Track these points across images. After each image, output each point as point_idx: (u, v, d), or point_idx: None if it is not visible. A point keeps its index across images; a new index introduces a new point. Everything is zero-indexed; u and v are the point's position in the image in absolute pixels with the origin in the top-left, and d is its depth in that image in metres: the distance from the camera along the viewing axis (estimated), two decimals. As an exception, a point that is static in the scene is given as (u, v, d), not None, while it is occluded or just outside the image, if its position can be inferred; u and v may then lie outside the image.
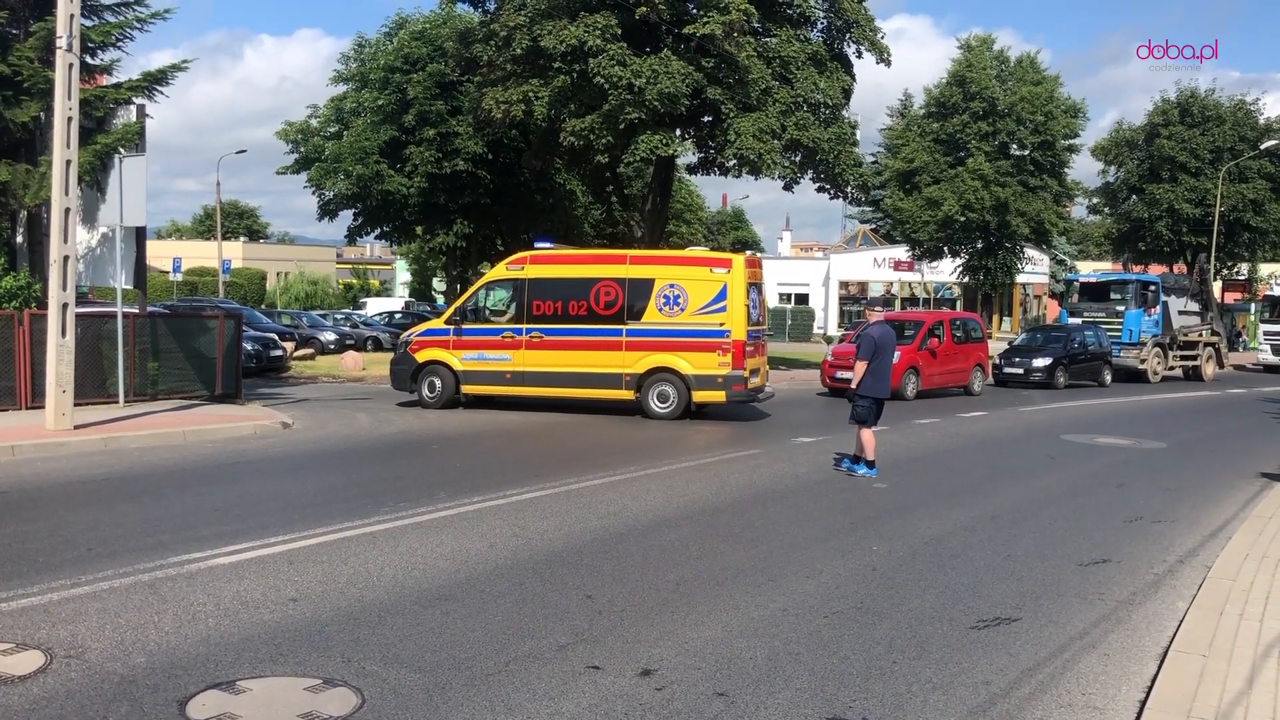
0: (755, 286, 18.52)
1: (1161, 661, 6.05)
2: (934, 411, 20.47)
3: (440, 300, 72.84)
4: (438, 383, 18.63)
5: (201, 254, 70.27)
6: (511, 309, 18.66)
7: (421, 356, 18.87)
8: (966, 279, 43.60)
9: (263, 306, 56.18)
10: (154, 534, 8.47)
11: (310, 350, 33.58)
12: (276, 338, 28.62)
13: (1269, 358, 38.18)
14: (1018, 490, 12.21)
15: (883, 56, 28.17)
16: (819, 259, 68.25)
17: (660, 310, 17.88)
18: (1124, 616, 7.11)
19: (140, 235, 17.67)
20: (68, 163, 13.38)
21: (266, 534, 8.47)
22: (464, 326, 18.64)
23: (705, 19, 23.42)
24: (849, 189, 28.57)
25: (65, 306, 13.50)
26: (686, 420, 17.62)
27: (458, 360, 18.58)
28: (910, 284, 61.07)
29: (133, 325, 16.75)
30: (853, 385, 12.82)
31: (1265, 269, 46.92)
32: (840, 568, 8.09)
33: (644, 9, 23.79)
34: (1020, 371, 28.28)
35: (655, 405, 17.93)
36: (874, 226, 69.61)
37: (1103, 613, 7.16)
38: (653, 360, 17.92)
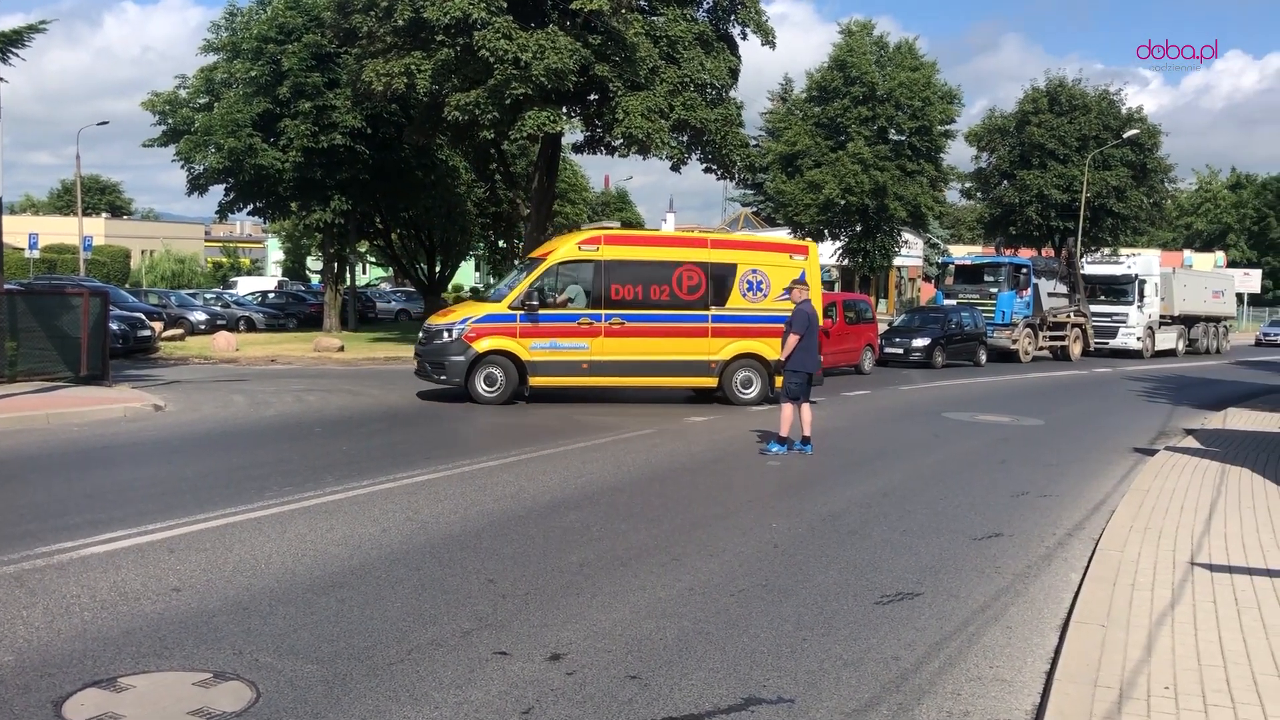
0: None
1: (1063, 633, 6.14)
2: (821, 391, 20.64)
3: (315, 280, 71.10)
4: (499, 375, 16.72)
5: (60, 230, 66.96)
6: (588, 292, 17.31)
7: (482, 346, 16.72)
8: (845, 261, 44.33)
9: (127, 286, 53.88)
10: (19, 523, 7.93)
11: (180, 331, 32.30)
12: (144, 317, 27.44)
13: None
14: (907, 467, 12.37)
15: (768, 38, 28.28)
16: (701, 241, 68.35)
17: (744, 296, 17.85)
18: (1021, 589, 7.21)
19: (-4, 206, 16.62)
20: (-85, 127, 12.45)
21: (144, 521, 8.01)
22: (538, 312, 16.84)
23: (593, -7, 23.12)
24: (736, 170, 28.65)
25: (-87, 281, 12.59)
26: (574, 403, 17.38)
27: (525, 350, 16.84)
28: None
29: (-13, 303, 15.77)
30: (782, 359, 13.26)
31: (1126, 252, 48.85)
32: (742, 546, 8.04)
33: (530, -19, 23.41)
34: (900, 351, 28.91)
35: (740, 391, 17.83)
36: (755, 209, 70.28)
37: (1000, 586, 7.25)
38: (738, 346, 17.76)
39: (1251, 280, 68.32)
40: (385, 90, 24.96)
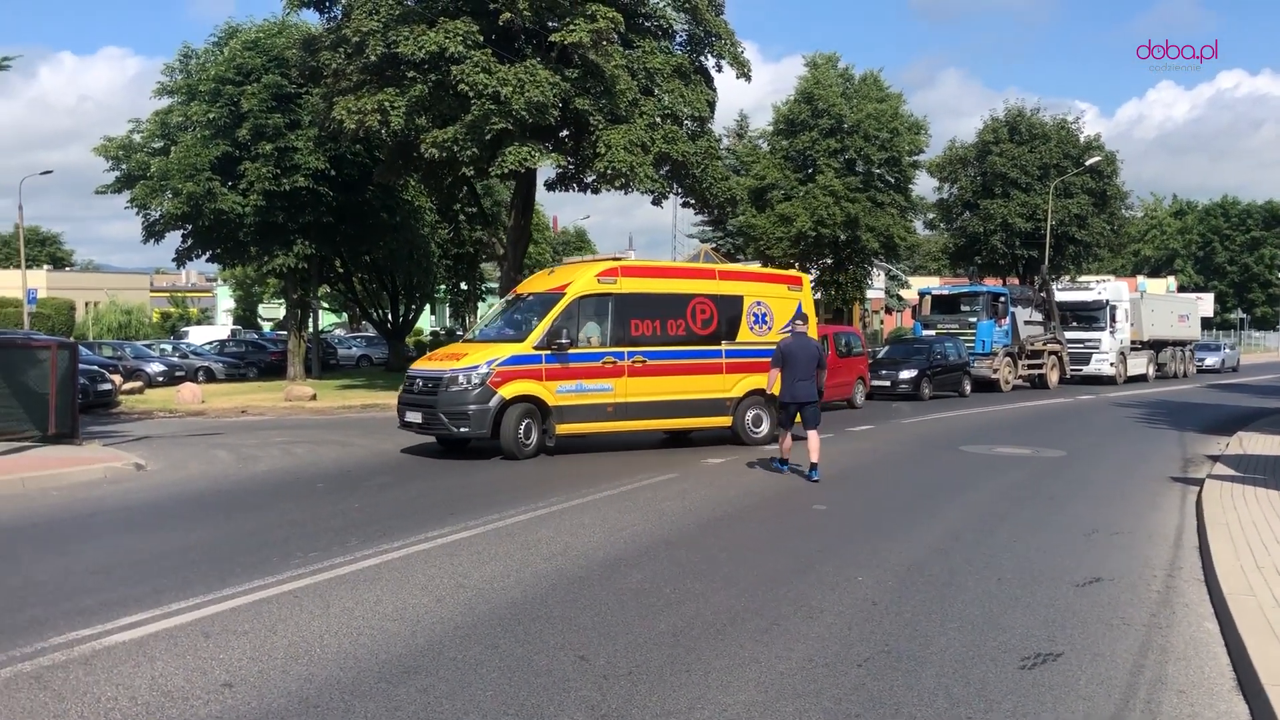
0: None
1: (1245, 695, 5.45)
2: (824, 426, 19.96)
3: (268, 328, 69.52)
4: (532, 424, 15.09)
5: (-1, 283, 65.10)
6: (606, 329, 15.90)
7: (509, 391, 14.89)
8: (818, 295, 43.95)
9: (71, 338, 52.12)
10: (24, 608, 6.94)
11: (139, 383, 30.98)
12: (104, 370, 26.17)
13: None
14: (959, 507, 11.68)
15: (743, 70, 27.83)
16: (662, 278, 67.94)
17: (752, 329, 17.16)
18: (1164, 644, 6.50)
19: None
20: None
21: (164, 600, 7.06)
22: (568, 352, 15.31)
23: (573, 27, 22.51)
24: (718, 204, 28.09)
25: (-126, 337, 11.49)
26: (578, 453, 16.43)
27: (551, 394, 15.21)
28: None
29: (-51, 359, 14.62)
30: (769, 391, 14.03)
31: (1094, 279, 49.00)
32: (838, 604, 7.26)
33: (507, 15, 22.68)
34: (887, 384, 28.39)
35: (751, 430, 16.98)
36: (714, 245, 70.09)
37: (1139, 641, 6.53)
38: (750, 382, 16.89)
39: (1205, 304, 69.28)
40: (358, 128, 24.08)
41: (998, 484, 13.45)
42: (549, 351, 15.19)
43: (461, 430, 14.90)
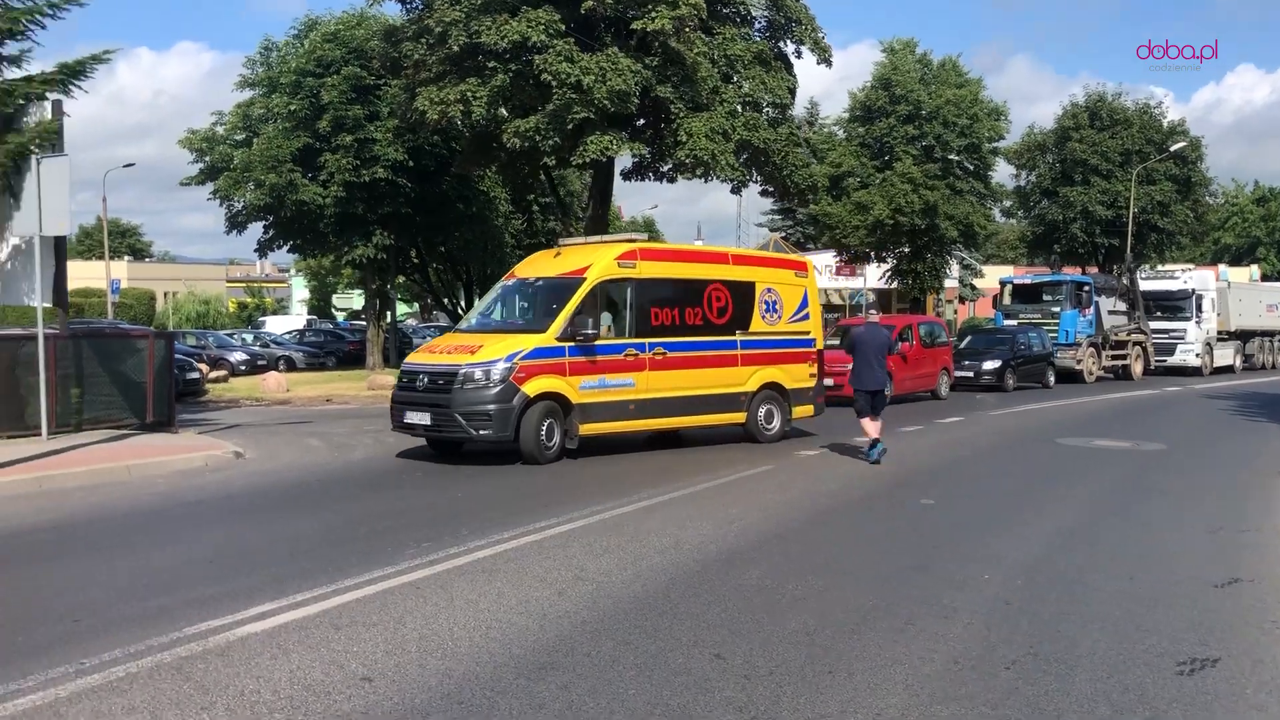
0: None
1: None
2: (912, 418, 19.68)
3: (342, 318, 70.35)
4: (555, 425, 13.53)
5: (83, 274, 66.23)
6: (625, 318, 14.45)
7: (532, 388, 13.26)
8: (895, 284, 43.32)
9: (153, 328, 53.17)
10: (149, 596, 6.97)
11: (223, 372, 31.46)
12: (191, 359, 26.60)
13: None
14: (1066, 502, 11.35)
15: (824, 56, 27.40)
16: (731, 267, 67.40)
17: (763, 318, 16.00)
18: (1325, 649, 6.19)
19: (60, 247, 15.76)
20: (-13, 161, 11.62)
21: (286, 590, 7.03)
22: (594, 344, 13.84)
23: (655, 14, 22.30)
24: (799, 191, 27.72)
25: (-13, 327, 11.71)
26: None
27: (575, 390, 13.69)
28: (826, 291, 60.84)
29: (54, 348, 14.85)
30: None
31: (1179, 268, 47.63)
32: (969, 603, 7.03)
33: (589, 3, 22.53)
34: (970, 374, 27.85)
35: (764, 427, 15.86)
36: (784, 234, 69.38)
37: (1297, 645, 6.24)
38: (763, 375, 15.85)
39: (1293, 293, 67.08)
40: (440, 118, 24.11)
41: (1102, 478, 13.10)
42: (572, 343, 13.71)
43: (481, 433, 13.20)
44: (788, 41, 27.94)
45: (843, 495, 11.45)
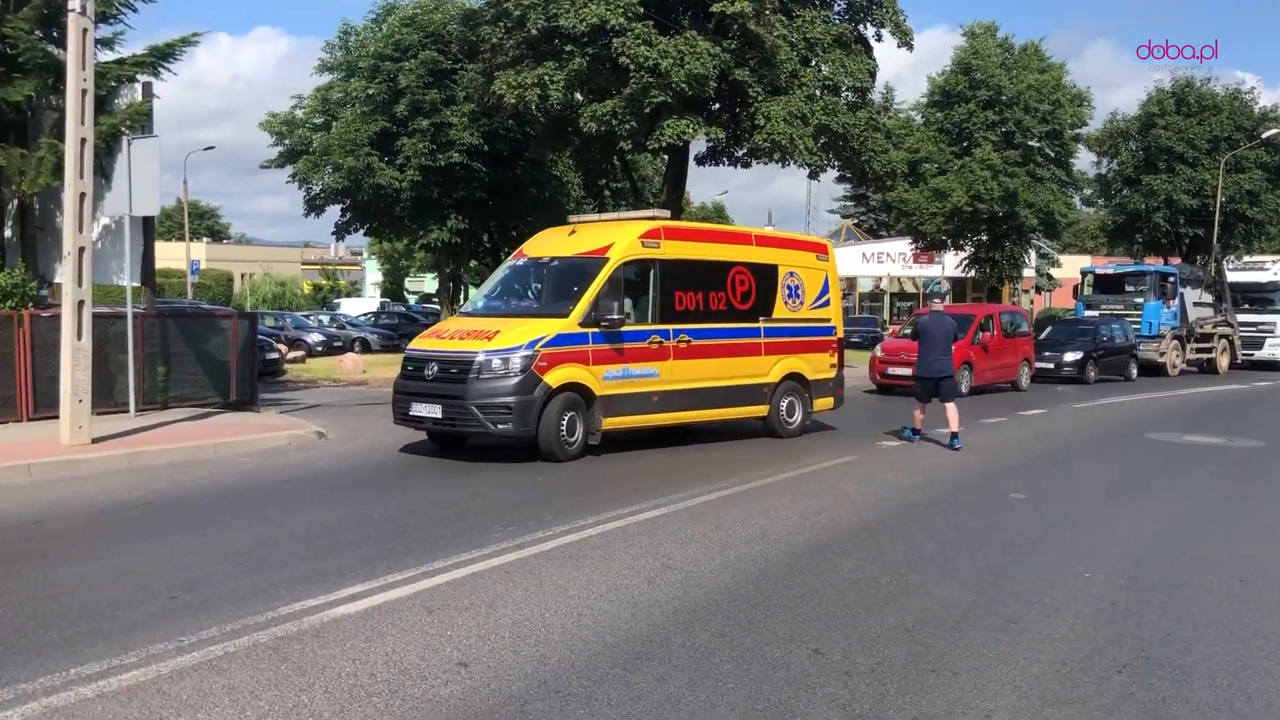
0: None
1: None
2: (994, 409, 19.29)
3: (414, 301, 71.08)
4: (577, 419, 12.41)
5: (163, 255, 67.37)
6: (648, 302, 13.38)
7: (555, 378, 12.16)
8: (972, 272, 42.55)
9: (231, 308, 54.09)
10: (241, 575, 7.01)
11: (301, 352, 31.90)
12: (270, 340, 26.98)
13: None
14: (1162, 499, 11.01)
15: (905, 39, 26.96)
16: (802, 254, 66.87)
17: (786, 303, 14.95)
18: None
19: (149, 227, 16.01)
20: (83, 141, 11.83)
21: (376, 572, 7.03)
22: (621, 329, 12.73)
23: (734, -4, 22.09)
24: (877, 177, 27.32)
25: (81, 304, 11.93)
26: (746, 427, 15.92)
27: (598, 381, 12.58)
28: (900, 279, 60.25)
29: (141, 327, 15.13)
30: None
31: (1264, 259, 46.22)
32: (1072, 601, 6.81)
33: (668, -14, 22.47)
34: (1051, 366, 27.20)
35: (786, 420, 14.91)
36: (856, 221, 68.74)
37: None
38: (785, 365, 14.85)
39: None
40: (517, 102, 24.18)
41: (1197, 474, 12.68)
42: (596, 329, 12.54)
43: (500, 428, 11.99)
44: (868, 24, 27.59)
45: (929, 488, 11.22)
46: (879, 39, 27.58)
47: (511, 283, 14.53)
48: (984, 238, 39.61)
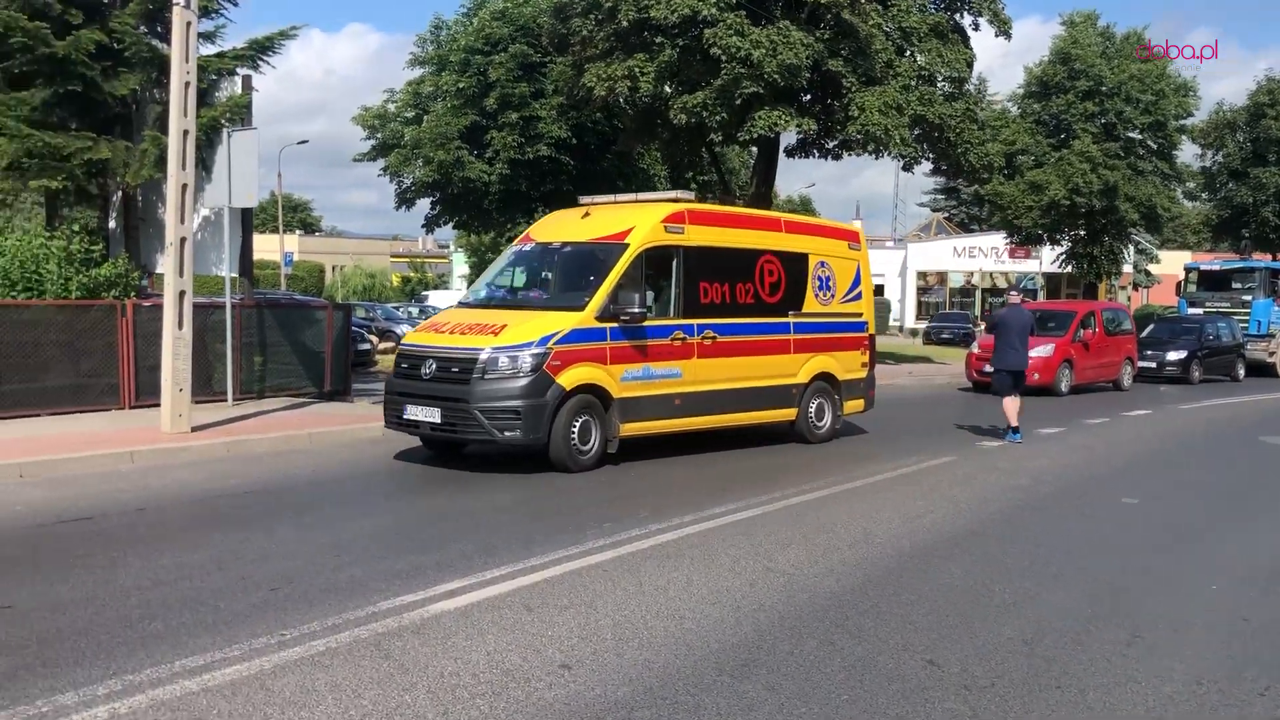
0: None
1: None
2: (1096, 409, 18.68)
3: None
4: (591, 426, 11.13)
5: (257, 247, 69.01)
6: (670, 294, 12.11)
7: (568, 379, 10.87)
8: (1069, 268, 41.39)
9: (322, 299, 55.06)
10: (340, 567, 6.98)
11: (391, 344, 32.19)
12: (362, 331, 27.29)
13: None
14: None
15: (1003, 28, 26.32)
16: (890, 249, 66.12)
17: (817, 296, 13.75)
18: None
19: (248, 218, 16.26)
20: (185, 133, 11.99)
21: (474, 568, 6.95)
22: (643, 324, 11.48)
23: (831, -14, 21.72)
24: (973, 170, 26.67)
25: (182, 295, 12.10)
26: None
27: (615, 382, 11.30)
28: (992, 274, 58.99)
29: (239, 317, 15.35)
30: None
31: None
32: (1201, 616, 6.45)
33: (761, -25, 22.16)
34: (1153, 365, 26.27)
35: (815, 424, 13.72)
36: (947, 215, 67.47)
37: None
38: (815, 364, 13.66)
39: None
40: (607, 94, 24.07)
41: (1323, 483, 12.08)
42: (615, 324, 11.26)
43: (507, 435, 10.69)
44: (964, 13, 26.96)
45: (1035, 490, 10.83)
46: (975, 28, 26.95)
47: (517, 270, 13.30)
48: (1081, 232, 38.50)
